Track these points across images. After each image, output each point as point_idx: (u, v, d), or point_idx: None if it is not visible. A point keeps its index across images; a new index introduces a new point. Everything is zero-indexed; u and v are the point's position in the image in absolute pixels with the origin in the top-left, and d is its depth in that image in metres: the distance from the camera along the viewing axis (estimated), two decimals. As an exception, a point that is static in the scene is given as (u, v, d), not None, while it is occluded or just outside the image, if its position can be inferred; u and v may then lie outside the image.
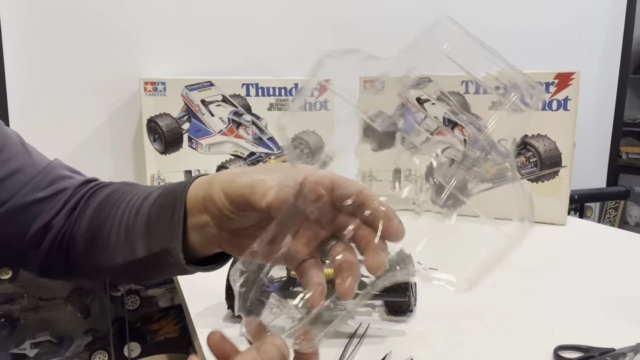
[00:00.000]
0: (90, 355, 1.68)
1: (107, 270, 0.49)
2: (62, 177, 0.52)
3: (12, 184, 0.49)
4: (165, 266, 0.44)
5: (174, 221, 0.42)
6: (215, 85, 1.13)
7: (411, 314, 0.58)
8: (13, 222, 0.49)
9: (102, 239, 0.48)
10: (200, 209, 0.41)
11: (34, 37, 1.13)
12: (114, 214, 0.48)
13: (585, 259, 0.80)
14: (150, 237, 0.44)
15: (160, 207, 0.45)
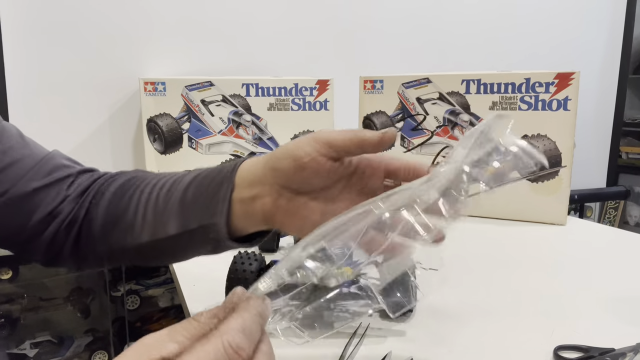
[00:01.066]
0: (90, 355, 1.68)
1: (130, 250, 0.50)
2: (61, 166, 0.53)
3: (11, 174, 0.50)
4: (199, 243, 0.47)
5: (218, 197, 0.44)
6: (215, 85, 1.13)
7: (411, 314, 0.58)
8: (14, 212, 0.50)
9: (125, 221, 0.49)
10: (258, 180, 0.44)
11: (34, 37, 1.13)
12: (138, 196, 0.50)
13: (585, 258, 0.80)
14: (186, 214, 0.46)
15: (199, 185, 0.47)
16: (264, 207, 0.44)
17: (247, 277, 0.56)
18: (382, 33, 1.43)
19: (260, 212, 0.44)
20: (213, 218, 0.44)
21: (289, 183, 0.43)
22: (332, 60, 1.38)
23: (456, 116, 1.03)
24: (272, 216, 0.44)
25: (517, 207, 1.00)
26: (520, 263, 0.77)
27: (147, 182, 0.51)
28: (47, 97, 1.15)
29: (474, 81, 1.00)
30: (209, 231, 0.45)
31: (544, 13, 1.57)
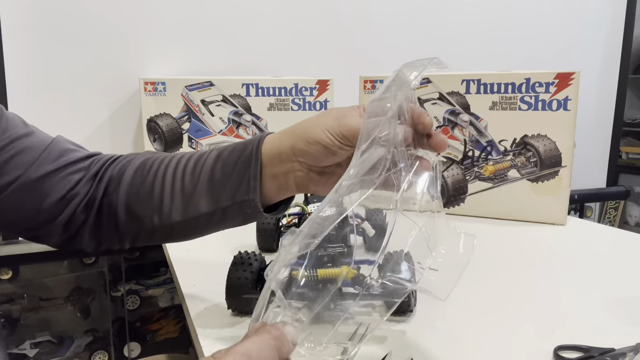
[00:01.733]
0: (90, 355, 1.68)
1: (160, 230, 0.53)
2: (68, 150, 0.55)
3: (22, 160, 0.52)
4: (231, 218, 0.51)
5: (249, 174, 0.49)
6: (215, 85, 1.13)
7: (411, 314, 0.58)
8: (27, 197, 0.52)
9: (152, 203, 0.52)
10: (285, 158, 0.48)
11: (34, 37, 1.13)
12: (162, 177, 0.52)
13: (585, 259, 0.80)
14: (217, 193, 0.50)
15: (225, 164, 0.50)
16: (297, 180, 0.49)
17: (247, 277, 0.56)
18: (382, 33, 1.43)
19: (294, 184, 0.49)
20: (247, 195, 0.49)
21: (321, 163, 0.48)
22: (332, 60, 1.38)
23: (456, 116, 1.03)
24: (306, 186, 0.50)
25: (517, 207, 1.00)
26: (521, 263, 0.77)
27: (166, 164, 0.54)
28: (47, 97, 1.15)
29: (474, 81, 1.00)
30: (244, 206, 0.49)
31: (544, 13, 1.57)
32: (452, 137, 1.04)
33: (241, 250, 0.60)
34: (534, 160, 0.98)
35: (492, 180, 1.02)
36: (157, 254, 1.05)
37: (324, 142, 0.47)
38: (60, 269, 1.70)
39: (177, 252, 0.83)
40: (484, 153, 1.01)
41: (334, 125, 0.47)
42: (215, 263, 0.75)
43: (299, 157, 0.48)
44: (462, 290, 0.66)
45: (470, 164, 1.03)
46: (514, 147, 0.99)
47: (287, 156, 0.49)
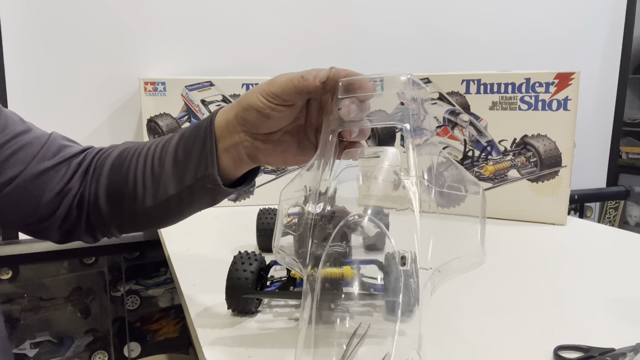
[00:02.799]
0: (90, 355, 1.68)
1: (139, 216, 0.55)
2: (64, 146, 0.58)
3: (22, 156, 0.53)
4: (198, 196, 0.51)
5: (206, 150, 0.49)
6: (215, 85, 1.13)
7: (411, 314, 0.58)
8: (27, 193, 0.54)
9: (127, 191, 0.54)
10: (232, 128, 0.49)
11: (34, 37, 1.13)
12: (135, 165, 0.54)
13: (585, 258, 0.80)
14: (181, 173, 0.51)
15: (186, 145, 0.51)
16: (246, 150, 0.49)
17: (247, 277, 0.56)
18: (382, 33, 1.43)
19: (245, 155, 0.50)
20: (207, 170, 0.49)
21: (259, 129, 0.48)
22: (331, 60, 1.38)
23: (456, 116, 1.03)
24: (255, 156, 0.50)
25: (517, 207, 1.00)
26: (520, 263, 0.77)
27: (138, 152, 0.55)
28: (47, 97, 1.15)
29: (474, 81, 1.00)
30: (205, 182, 0.49)
31: (544, 13, 1.57)
32: (452, 137, 1.04)
33: (241, 250, 0.60)
34: (534, 160, 0.98)
35: (492, 180, 1.02)
36: (157, 254, 1.05)
37: (255, 106, 0.47)
38: (60, 269, 1.70)
39: (177, 252, 0.83)
40: (484, 153, 1.02)
41: (264, 87, 0.47)
42: (215, 263, 0.75)
43: (242, 126, 0.48)
44: (462, 290, 0.66)
45: (470, 164, 1.03)
46: (514, 147, 0.99)
47: (233, 126, 0.49)
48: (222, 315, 0.58)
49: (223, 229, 0.96)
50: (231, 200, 1.17)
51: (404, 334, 0.54)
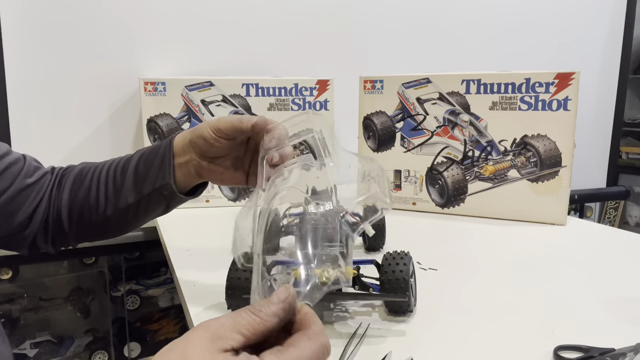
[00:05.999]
0: (90, 355, 1.68)
1: (97, 225, 0.63)
2: (37, 167, 0.64)
3: (10, 173, 0.60)
4: (154, 204, 0.61)
5: (165, 163, 0.59)
6: (215, 85, 1.13)
7: (411, 314, 0.58)
8: (15, 205, 0.60)
9: (89, 202, 0.62)
10: (186, 149, 0.59)
11: (34, 37, 1.13)
12: (97, 180, 0.62)
13: (585, 258, 0.80)
14: (140, 184, 0.60)
15: (147, 160, 0.61)
16: (194, 167, 0.60)
17: (247, 277, 0.56)
18: (382, 33, 1.43)
19: (193, 171, 0.60)
20: (164, 179, 0.59)
21: (205, 153, 0.59)
22: (332, 60, 1.38)
23: (456, 116, 1.03)
24: (200, 173, 0.60)
25: (517, 207, 1.00)
26: (520, 263, 0.77)
27: (99, 169, 0.63)
28: (47, 97, 1.15)
29: (474, 81, 1.00)
30: (163, 190, 0.59)
31: (544, 13, 1.57)
32: (452, 137, 1.04)
33: (241, 250, 0.60)
34: (534, 160, 0.98)
35: (492, 180, 1.02)
36: (157, 254, 1.05)
37: (204, 136, 0.58)
38: (60, 269, 1.70)
39: (177, 252, 0.83)
40: (484, 153, 1.02)
41: (214, 122, 0.58)
42: (215, 263, 0.75)
43: (193, 149, 0.59)
44: (462, 290, 0.66)
45: (470, 164, 1.03)
46: (514, 147, 0.99)
47: (187, 148, 0.60)
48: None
49: (223, 229, 0.95)
50: (231, 200, 1.17)
51: (404, 334, 0.54)
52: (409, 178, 1.09)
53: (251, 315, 0.32)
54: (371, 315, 0.58)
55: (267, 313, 0.32)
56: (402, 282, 0.55)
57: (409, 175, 1.09)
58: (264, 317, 0.32)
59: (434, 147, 1.06)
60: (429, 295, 0.63)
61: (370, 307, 0.60)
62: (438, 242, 0.90)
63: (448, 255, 0.80)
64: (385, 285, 0.55)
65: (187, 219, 1.05)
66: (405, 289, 0.55)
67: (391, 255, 0.58)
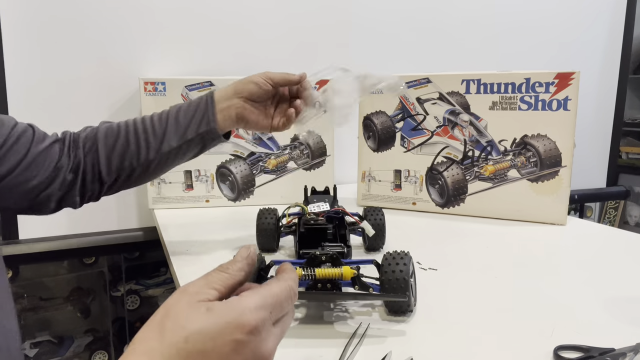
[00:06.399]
0: (90, 355, 1.68)
1: (136, 169, 0.72)
2: (45, 133, 0.71)
3: (24, 142, 0.66)
4: (192, 148, 0.74)
5: (208, 112, 0.73)
6: (215, 85, 1.13)
7: (411, 314, 0.58)
8: (35, 169, 0.66)
9: (129, 150, 0.72)
10: (230, 96, 0.74)
11: (34, 37, 1.13)
12: (133, 130, 0.73)
13: (585, 258, 0.80)
14: (182, 130, 0.73)
15: (186, 111, 0.74)
16: (237, 111, 0.73)
17: (247, 277, 0.56)
18: (382, 33, 1.43)
19: (234, 114, 0.73)
20: (209, 125, 0.72)
21: (251, 97, 0.74)
22: (331, 60, 1.38)
23: (456, 116, 1.03)
24: (242, 115, 0.74)
25: (517, 207, 1.00)
26: (520, 263, 0.77)
27: (132, 123, 0.74)
28: (47, 97, 1.15)
29: (474, 81, 1.00)
30: (206, 134, 0.73)
31: (544, 13, 1.57)
32: (452, 137, 1.04)
33: (241, 250, 0.60)
34: (534, 160, 0.98)
35: (492, 180, 1.02)
36: (157, 254, 1.05)
37: (256, 81, 0.74)
38: (60, 269, 1.70)
39: (177, 252, 0.83)
40: (484, 153, 1.02)
41: (264, 73, 0.76)
42: (215, 263, 0.75)
43: (240, 93, 0.73)
44: (462, 290, 0.67)
45: (470, 164, 1.03)
46: (514, 147, 0.99)
47: (230, 95, 0.74)
48: (222, 315, 0.58)
49: (223, 229, 0.96)
50: (231, 200, 1.17)
51: (404, 334, 0.54)
52: (409, 178, 1.09)
53: (220, 273, 0.36)
54: (371, 315, 0.58)
55: (234, 269, 0.36)
56: (402, 282, 0.55)
57: (409, 175, 1.09)
58: (231, 273, 0.36)
59: (434, 147, 1.06)
60: (429, 295, 0.63)
61: (370, 307, 0.60)
62: (438, 242, 0.90)
63: (448, 255, 0.80)
64: (385, 285, 0.55)
65: (187, 219, 1.05)
66: (405, 289, 0.55)
67: (391, 255, 0.58)
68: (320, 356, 0.49)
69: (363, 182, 1.14)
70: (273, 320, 0.34)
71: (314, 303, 0.61)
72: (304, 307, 0.60)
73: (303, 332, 0.55)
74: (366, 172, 1.13)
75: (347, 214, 0.78)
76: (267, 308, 0.33)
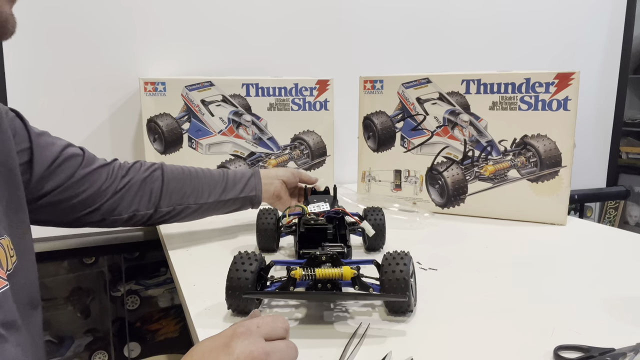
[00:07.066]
0: (90, 355, 1.68)
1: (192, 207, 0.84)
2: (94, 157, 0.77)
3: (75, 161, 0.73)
4: (236, 205, 0.88)
5: (254, 181, 0.89)
6: (215, 85, 1.13)
7: (411, 314, 0.58)
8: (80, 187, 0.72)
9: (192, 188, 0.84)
10: (271, 176, 0.92)
11: (34, 37, 1.13)
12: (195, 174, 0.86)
13: (585, 259, 0.80)
14: (239, 187, 0.87)
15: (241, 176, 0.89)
16: (275, 189, 0.91)
17: (247, 277, 0.56)
18: (382, 33, 1.43)
19: (272, 191, 0.91)
20: (254, 192, 0.89)
21: (287, 183, 0.94)
22: (332, 60, 1.38)
23: (456, 116, 1.03)
24: (278, 194, 0.92)
25: (517, 207, 1.00)
26: (520, 263, 0.77)
27: (196, 169, 0.87)
28: (47, 97, 1.15)
29: (474, 81, 1.00)
30: (252, 199, 0.89)
31: (544, 13, 1.57)
32: (452, 137, 1.04)
33: (241, 250, 0.60)
34: (534, 160, 0.98)
35: (492, 180, 1.02)
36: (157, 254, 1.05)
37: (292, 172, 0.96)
38: (60, 269, 1.70)
39: (177, 252, 0.83)
40: (484, 153, 1.02)
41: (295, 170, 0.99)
42: (215, 263, 0.75)
43: (280, 177, 0.93)
44: (462, 290, 0.67)
45: (470, 164, 1.03)
46: (514, 147, 0.99)
47: (272, 176, 0.92)
48: (222, 315, 0.58)
49: (223, 229, 0.96)
50: (231, 200, 1.17)
51: (404, 334, 0.54)
52: (409, 178, 1.09)
53: None
54: (371, 315, 0.58)
55: None
56: (402, 282, 0.55)
57: (409, 175, 1.09)
58: None
59: (434, 147, 1.06)
60: (429, 295, 0.63)
61: (370, 307, 0.60)
62: (438, 242, 0.90)
63: (448, 255, 0.80)
64: (385, 285, 0.55)
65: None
66: (405, 289, 0.55)
67: (391, 255, 0.58)
68: (320, 356, 0.49)
69: (363, 182, 1.14)
70: (262, 334, 0.42)
71: (314, 303, 0.61)
72: (304, 307, 0.60)
73: (303, 332, 0.55)
74: (366, 172, 1.13)
75: (347, 214, 0.78)
76: (254, 322, 0.43)
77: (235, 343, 0.40)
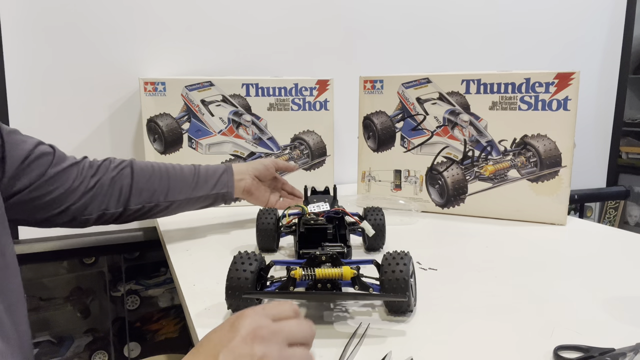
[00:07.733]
0: (90, 355, 1.68)
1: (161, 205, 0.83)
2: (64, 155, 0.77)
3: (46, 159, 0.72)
4: (207, 201, 0.88)
5: (227, 177, 0.89)
6: (215, 85, 1.13)
7: (411, 314, 0.58)
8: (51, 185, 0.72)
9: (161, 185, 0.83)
10: (243, 172, 0.91)
11: (34, 37, 1.13)
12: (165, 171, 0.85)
13: (585, 258, 0.80)
14: (210, 184, 0.87)
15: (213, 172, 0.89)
16: (245, 185, 0.91)
17: (247, 277, 0.56)
18: (382, 33, 1.43)
19: (243, 187, 0.91)
20: (225, 189, 0.89)
21: (259, 177, 0.94)
22: (332, 60, 1.38)
23: (456, 116, 1.03)
24: (249, 190, 0.91)
25: (517, 207, 1.00)
26: (520, 263, 0.77)
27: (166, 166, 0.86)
28: (47, 98, 1.15)
29: (474, 81, 1.00)
30: (225, 196, 0.89)
31: (544, 13, 1.57)
32: (452, 137, 1.04)
33: (241, 250, 0.60)
34: (534, 160, 0.98)
35: (492, 180, 1.02)
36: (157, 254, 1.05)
37: (264, 166, 0.95)
38: (60, 269, 1.70)
39: (177, 252, 0.83)
40: (484, 153, 1.02)
41: (271, 159, 1.00)
42: (215, 263, 0.75)
43: (252, 172, 0.92)
44: (462, 290, 0.66)
45: (470, 164, 1.03)
46: (514, 147, 0.99)
47: (243, 171, 0.91)
48: (222, 315, 0.58)
49: (223, 229, 0.96)
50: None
51: (404, 334, 0.54)
52: (409, 178, 1.09)
53: None
54: (371, 315, 0.58)
55: None
56: (402, 282, 0.55)
57: (409, 175, 1.09)
58: None
59: (434, 147, 1.06)
60: (429, 295, 0.63)
61: (370, 307, 0.60)
62: (438, 242, 0.90)
63: (448, 255, 0.80)
64: (385, 285, 0.55)
65: (187, 219, 1.05)
66: (405, 289, 0.55)
67: (391, 255, 0.58)
68: (320, 356, 0.49)
69: (363, 182, 1.14)
70: (268, 315, 0.41)
71: (314, 303, 0.61)
72: (304, 307, 0.60)
73: (303, 332, 0.54)
74: (366, 172, 1.13)
75: (347, 214, 0.78)
76: (260, 306, 0.42)
77: (240, 322, 0.39)
